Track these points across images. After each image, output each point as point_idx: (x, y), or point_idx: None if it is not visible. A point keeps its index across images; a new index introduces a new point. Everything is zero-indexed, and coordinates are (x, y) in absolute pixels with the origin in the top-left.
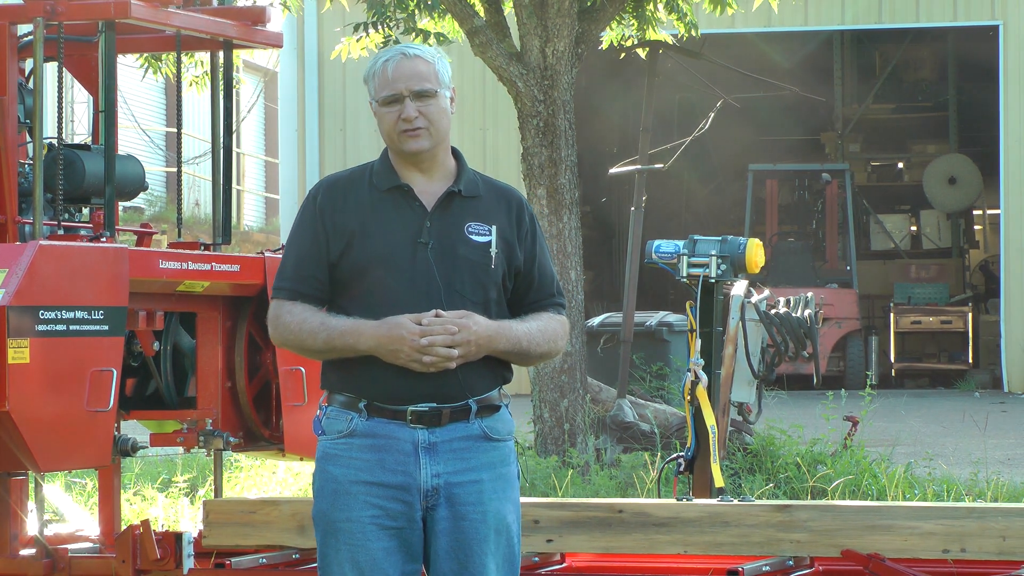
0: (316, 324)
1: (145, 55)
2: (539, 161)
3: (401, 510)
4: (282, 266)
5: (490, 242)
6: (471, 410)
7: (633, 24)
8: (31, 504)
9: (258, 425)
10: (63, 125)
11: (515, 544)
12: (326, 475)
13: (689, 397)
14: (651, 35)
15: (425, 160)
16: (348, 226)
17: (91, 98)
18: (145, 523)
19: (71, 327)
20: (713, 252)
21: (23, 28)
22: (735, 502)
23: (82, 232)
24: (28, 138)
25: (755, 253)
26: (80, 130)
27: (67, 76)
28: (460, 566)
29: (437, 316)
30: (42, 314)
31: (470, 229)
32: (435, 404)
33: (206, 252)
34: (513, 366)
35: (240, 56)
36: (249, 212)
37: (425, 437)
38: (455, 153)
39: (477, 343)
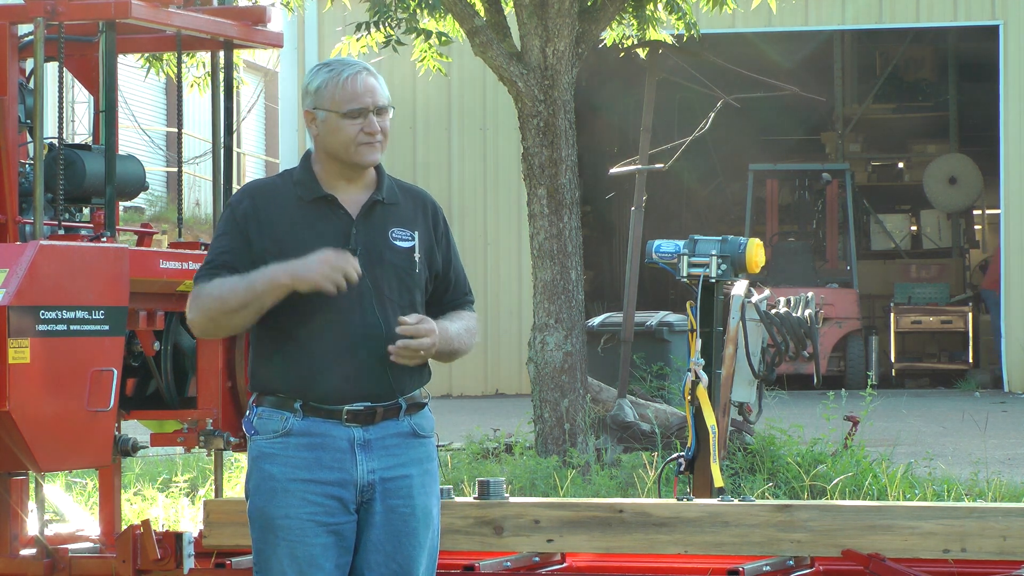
0: (234, 280)
1: (146, 55)
2: (539, 161)
3: (337, 506)
4: (205, 262)
5: (413, 247)
6: (401, 408)
7: (633, 24)
8: (31, 504)
9: None
10: (63, 125)
11: (437, 537)
12: (263, 473)
13: (689, 397)
14: (651, 35)
15: (359, 171)
16: (277, 231)
17: (91, 98)
18: (145, 523)
19: (72, 327)
20: (713, 252)
21: (24, 28)
22: (735, 502)
23: (83, 232)
24: (29, 138)
25: (755, 253)
26: (81, 130)
27: (68, 76)
28: (388, 557)
29: (400, 322)
30: (43, 314)
31: (394, 235)
32: (369, 403)
33: (206, 252)
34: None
35: (241, 56)
36: None
37: (360, 435)
38: None
39: (437, 346)
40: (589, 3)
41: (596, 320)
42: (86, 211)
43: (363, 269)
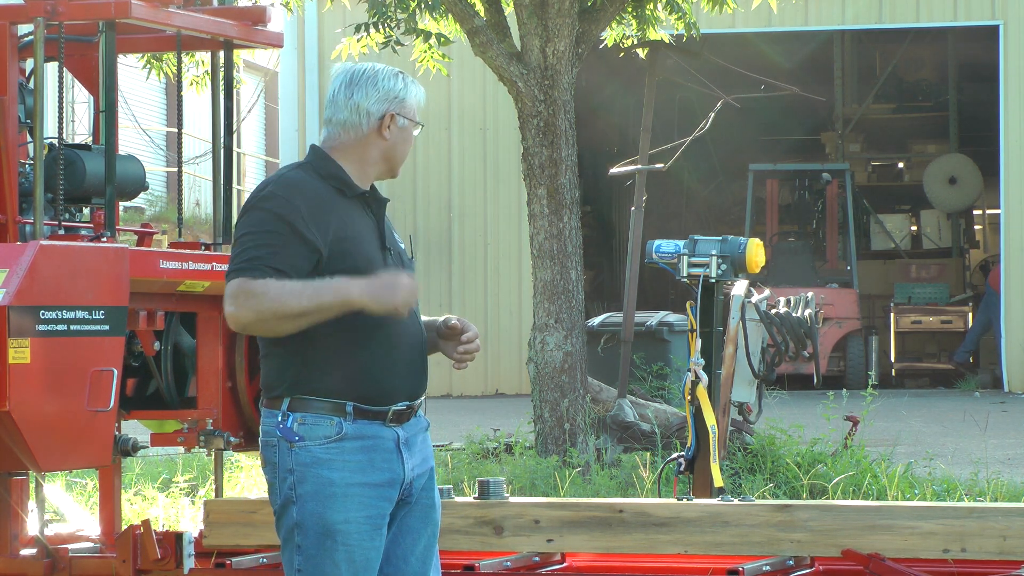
0: (298, 285)
1: (146, 56)
2: (539, 161)
3: (388, 507)
4: (251, 258)
5: (403, 245)
6: (422, 404)
7: (633, 24)
8: (32, 504)
9: (258, 425)
10: (64, 125)
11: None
12: (321, 479)
13: (689, 397)
14: (651, 35)
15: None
16: (332, 227)
17: (91, 98)
18: (146, 523)
19: (72, 327)
20: (713, 252)
21: (24, 28)
22: (735, 502)
23: (83, 232)
24: (29, 138)
25: (755, 253)
26: (81, 130)
27: (68, 76)
28: (414, 542)
29: (452, 328)
30: (43, 314)
31: (396, 235)
32: (408, 402)
33: (207, 252)
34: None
35: (240, 56)
36: None
37: (402, 434)
38: None
39: None
40: (589, 3)
41: (596, 320)
42: (86, 211)
43: (395, 269)
